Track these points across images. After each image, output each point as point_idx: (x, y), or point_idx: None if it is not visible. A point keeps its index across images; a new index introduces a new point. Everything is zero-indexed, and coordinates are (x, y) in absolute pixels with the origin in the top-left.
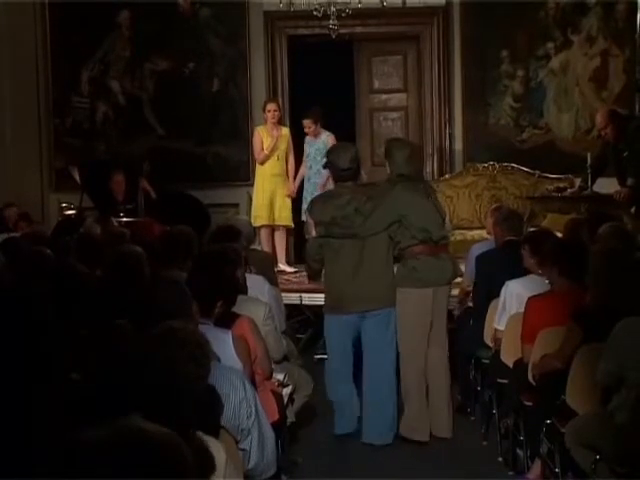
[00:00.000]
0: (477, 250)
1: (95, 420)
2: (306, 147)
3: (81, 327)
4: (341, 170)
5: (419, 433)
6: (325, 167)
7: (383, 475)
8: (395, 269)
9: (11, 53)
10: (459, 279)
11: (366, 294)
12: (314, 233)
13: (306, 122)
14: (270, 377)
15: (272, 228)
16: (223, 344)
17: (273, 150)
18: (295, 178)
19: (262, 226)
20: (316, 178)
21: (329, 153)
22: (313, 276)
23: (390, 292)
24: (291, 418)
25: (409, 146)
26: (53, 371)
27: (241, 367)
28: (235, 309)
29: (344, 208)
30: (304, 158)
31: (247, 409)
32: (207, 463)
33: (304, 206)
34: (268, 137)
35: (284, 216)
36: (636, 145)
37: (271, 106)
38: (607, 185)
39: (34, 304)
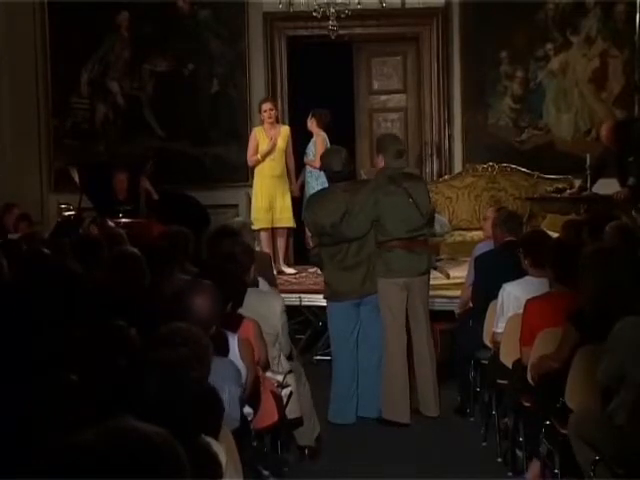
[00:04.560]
0: (480, 250)
1: (93, 421)
2: None
3: (80, 328)
4: (334, 172)
5: (400, 415)
6: (321, 170)
7: (382, 475)
8: None
9: (11, 53)
10: (461, 279)
11: (362, 283)
12: (312, 244)
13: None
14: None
15: (272, 230)
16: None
17: (268, 154)
18: (297, 177)
19: (262, 229)
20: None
21: (322, 157)
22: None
23: None
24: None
25: (400, 141)
26: (51, 372)
27: (245, 370)
28: (255, 302)
29: (333, 214)
30: None
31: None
32: (213, 470)
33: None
34: (265, 139)
35: (285, 217)
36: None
37: (266, 105)
38: (607, 186)
39: (32, 305)
